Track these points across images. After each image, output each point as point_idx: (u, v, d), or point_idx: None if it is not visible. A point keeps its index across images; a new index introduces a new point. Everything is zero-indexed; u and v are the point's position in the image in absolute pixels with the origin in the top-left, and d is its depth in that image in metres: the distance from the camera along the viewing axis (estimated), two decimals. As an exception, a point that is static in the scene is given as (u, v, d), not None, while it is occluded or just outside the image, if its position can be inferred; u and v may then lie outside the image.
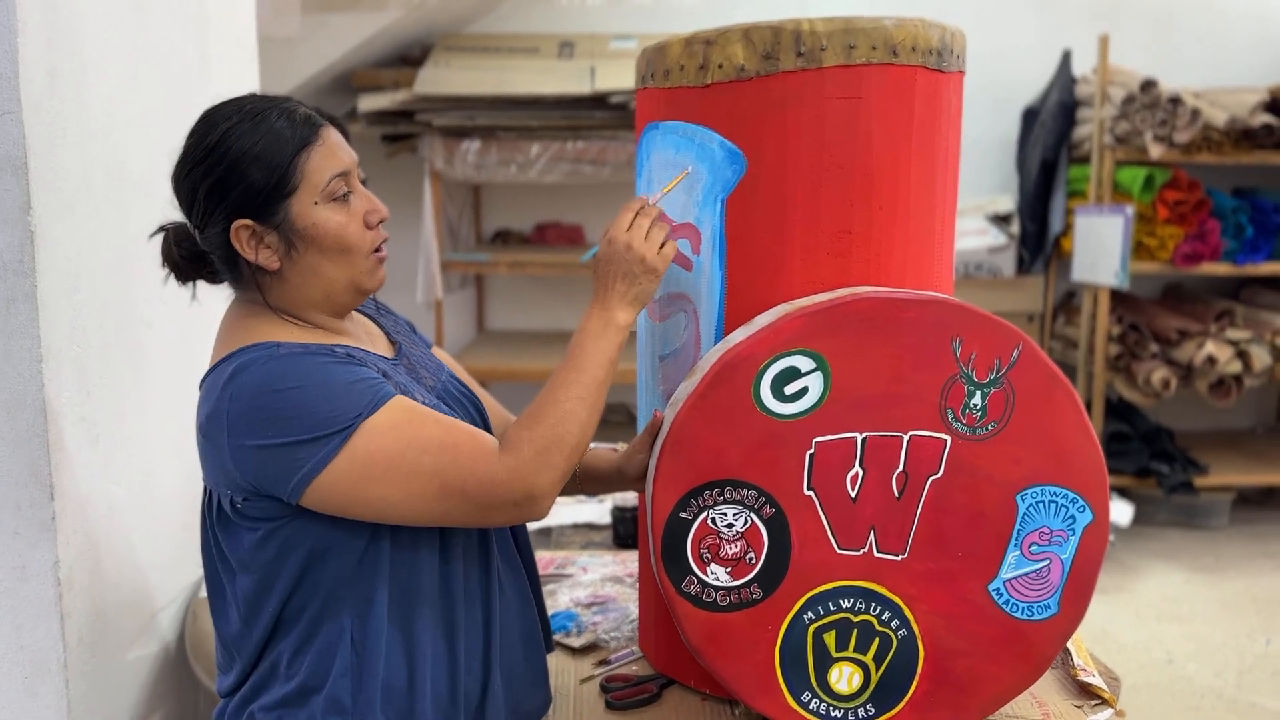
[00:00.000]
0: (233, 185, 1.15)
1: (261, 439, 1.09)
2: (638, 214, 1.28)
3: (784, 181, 1.29)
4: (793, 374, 1.25)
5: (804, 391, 1.26)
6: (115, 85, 1.64)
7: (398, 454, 1.10)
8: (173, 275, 1.27)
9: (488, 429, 1.36)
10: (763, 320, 1.28)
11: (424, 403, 1.21)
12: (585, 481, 1.43)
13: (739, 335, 1.28)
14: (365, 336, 1.31)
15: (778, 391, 1.25)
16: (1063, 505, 1.29)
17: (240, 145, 1.15)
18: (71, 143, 1.50)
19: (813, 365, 1.25)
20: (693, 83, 1.32)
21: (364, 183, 1.25)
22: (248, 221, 1.16)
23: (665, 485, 1.27)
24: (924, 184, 1.33)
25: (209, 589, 1.24)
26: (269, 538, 1.16)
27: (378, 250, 1.24)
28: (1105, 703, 1.41)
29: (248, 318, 1.21)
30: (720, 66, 1.29)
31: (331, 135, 1.20)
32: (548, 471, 1.14)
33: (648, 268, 1.25)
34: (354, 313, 1.35)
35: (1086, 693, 1.44)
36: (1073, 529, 1.30)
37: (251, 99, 1.20)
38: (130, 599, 1.69)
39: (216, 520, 1.19)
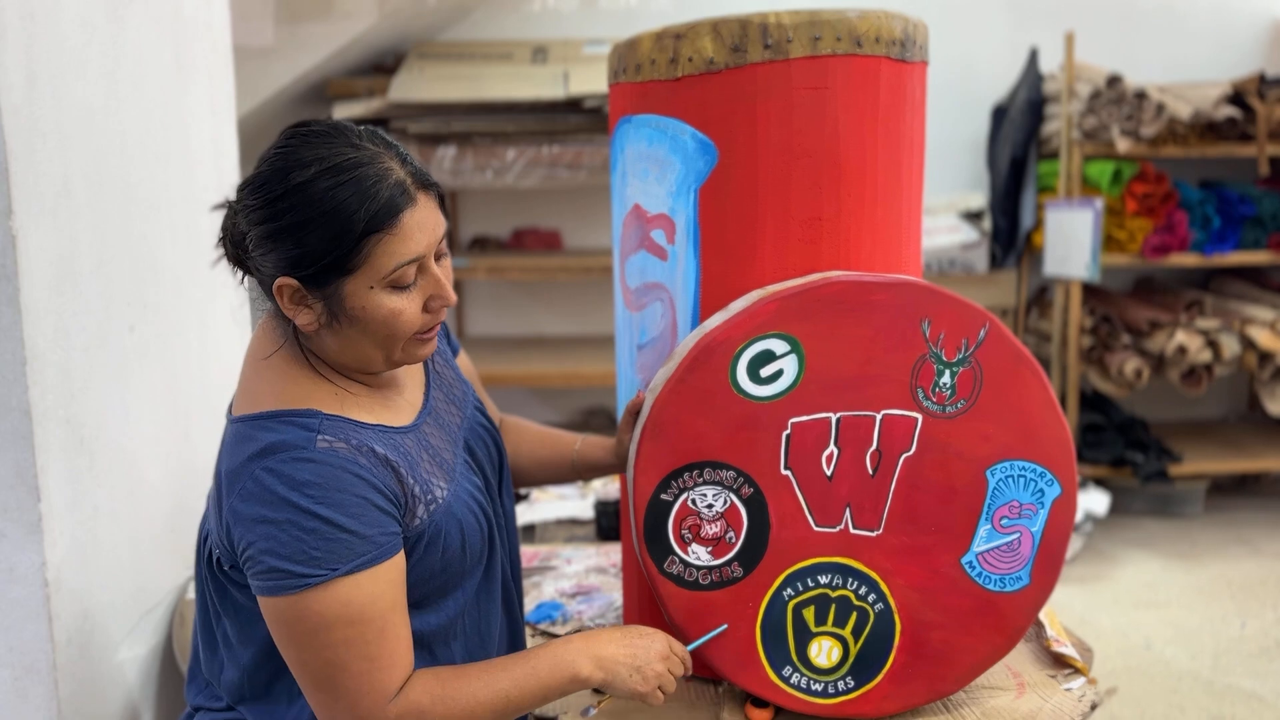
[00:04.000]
0: (289, 244, 1.06)
1: (249, 535, 1.06)
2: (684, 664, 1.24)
3: (755, 171, 1.33)
4: (768, 357, 1.28)
5: (779, 374, 1.29)
6: (94, 91, 1.66)
7: (323, 629, 1.05)
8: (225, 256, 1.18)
9: (501, 459, 1.36)
10: (738, 306, 1.31)
11: (446, 462, 1.20)
12: (584, 471, 1.45)
13: (715, 320, 1.31)
14: (405, 379, 1.27)
15: (754, 374, 1.29)
16: (1031, 479, 1.33)
17: (309, 207, 1.04)
18: (51, 147, 1.52)
19: (787, 348, 1.28)
20: (663, 76, 1.35)
21: (440, 258, 1.15)
22: (294, 282, 1.08)
23: (646, 468, 1.30)
24: (890, 171, 1.37)
25: (198, 612, 1.26)
26: (246, 594, 1.16)
27: (430, 330, 1.16)
28: (1078, 671, 1.45)
29: (287, 364, 1.15)
30: (690, 59, 1.32)
31: (416, 215, 1.08)
32: None
33: (645, 681, 1.17)
34: None
35: (1060, 663, 1.48)
36: (1042, 502, 1.34)
37: (346, 145, 1.08)
38: (118, 601, 1.70)
39: (207, 562, 1.20)
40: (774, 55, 1.29)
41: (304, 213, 1.04)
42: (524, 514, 2.24)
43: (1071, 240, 3.93)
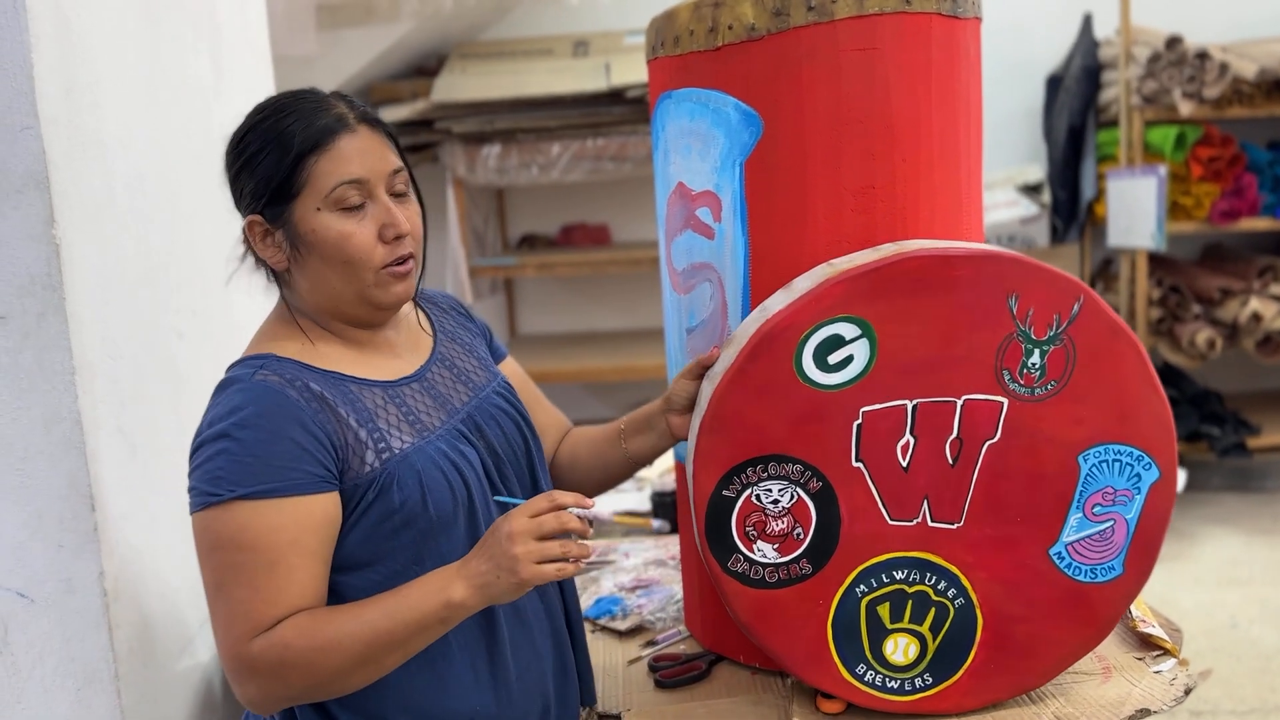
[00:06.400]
0: (246, 179, 1.16)
1: (190, 463, 1.13)
2: (552, 511, 1.08)
3: (802, 140, 1.27)
4: (837, 342, 1.20)
5: (849, 360, 1.21)
6: (132, 99, 1.65)
7: (217, 548, 1.08)
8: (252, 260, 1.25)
9: (530, 447, 1.31)
10: (802, 285, 1.23)
11: (423, 423, 1.18)
12: (632, 433, 1.38)
13: (778, 302, 1.24)
14: (404, 346, 1.27)
15: (821, 361, 1.21)
16: (1128, 464, 1.24)
17: (259, 140, 1.15)
18: (91, 156, 1.51)
19: (858, 332, 1.20)
20: (703, 47, 1.30)
21: (400, 195, 1.19)
22: (259, 218, 1.16)
23: (706, 464, 1.24)
24: (946, 134, 1.30)
25: None
26: None
27: (398, 264, 1.17)
28: (1168, 653, 1.37)
29: (273, 319, 1.22)
30: (730, 28, 1.27)
31: (356, 141, 1.15)
32: (277, 686, 1.08)
33: (514, 572, 1.05)
34: (413, 313, 1.31)
35: (1148, 644, 1.40)
36: (1138, 488, 1.24)
37: (293, 93, 1.19)
38: (177, 608, 1.69)
39: None
40: (818, 17, 1.23)
41: (256, 145, 1.15)
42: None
43: (1135, 209, 3.80)
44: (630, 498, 2.22)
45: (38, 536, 1.43)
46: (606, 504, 2.20)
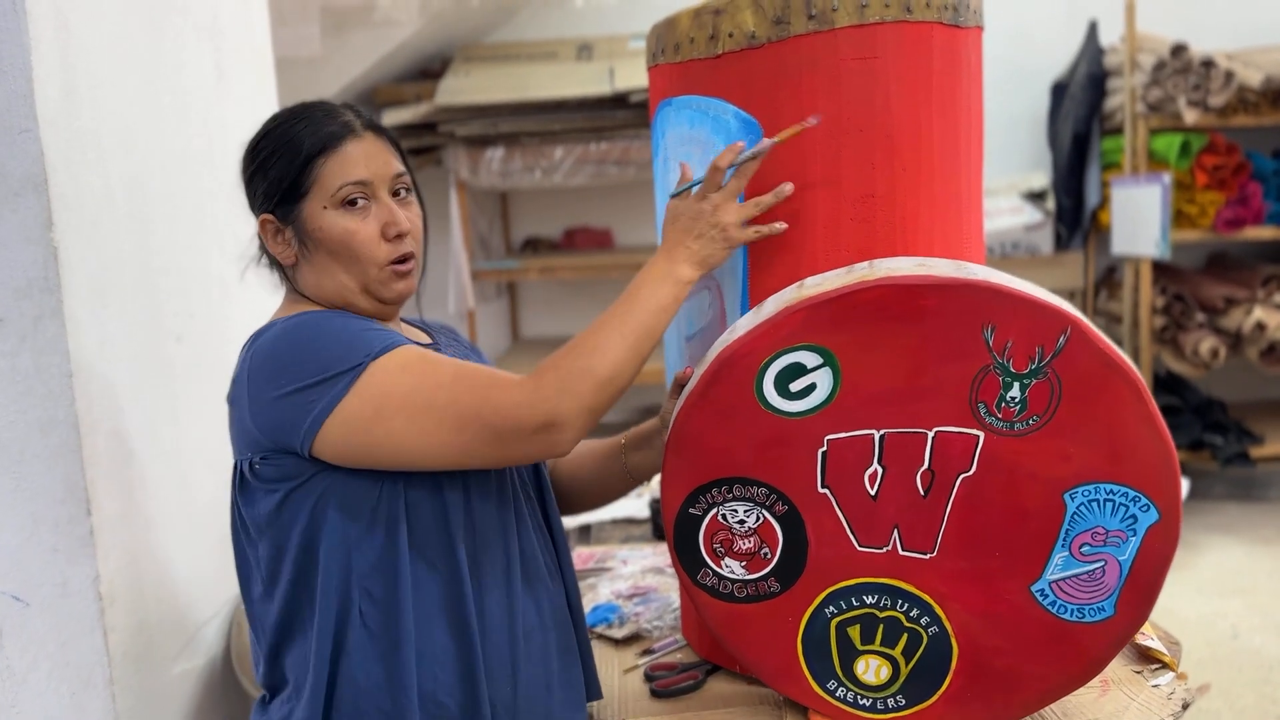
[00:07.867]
0: (260, 181, 1.24)
1: (276, 388, 1.13)
2: (736, 174, 1.22)
3: (802, 149, 1.26)
4: (798, 370, 1.18)
5: (811, 388, 1.18)
6: (132, 102, 1.65)
7: (411, 390, 1.11)
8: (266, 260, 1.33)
9: None
10: (770, 307, 1.21)
11: None
12: (633, 448, 1.40)
13: (745, 324, 1.22)
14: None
15: (782, 389, 1.19)
16: (1121, 504, 1.17)
17: (271, 144, 1.23)
18: (91, 159, 1.51)
19: (819, 360, 1.17)
20: (703, 54, 1.29)
21: (398, 194, 1.26)
22: (270, 216, 1.24)
23: (672, 482, 1.25)
24: (947, 143, 1.29)
25: (238, 568, 1.26)
26: (284, 502, 1.17)
27: (400, 263, 1.24)
28: (1166, 666, 1.36)
29: (287, 304, 1.28)
30: (730, 35, 1.26)
31: (361, 146, 1.22)
32: (570, 399, 1.10)
33: (727, 238, 1.22)
34: (401, 323, 1.35)
35: (1146, 658, 1.39)
36: (1134, 529, 1.17)
37: (306, 104, 1.27)
38: (173, 613, 1.69)
39: (239, 489, 1.21)
40: (819, 26, 1.23)
41: (270, 149, 1.23)
42: (580, 515, 2.20)
43: (1139, 217, 3.79)
44: (630, 504, 2.21)
45: (33, 540, 1.42)
46: (605, 511, 2.19)
